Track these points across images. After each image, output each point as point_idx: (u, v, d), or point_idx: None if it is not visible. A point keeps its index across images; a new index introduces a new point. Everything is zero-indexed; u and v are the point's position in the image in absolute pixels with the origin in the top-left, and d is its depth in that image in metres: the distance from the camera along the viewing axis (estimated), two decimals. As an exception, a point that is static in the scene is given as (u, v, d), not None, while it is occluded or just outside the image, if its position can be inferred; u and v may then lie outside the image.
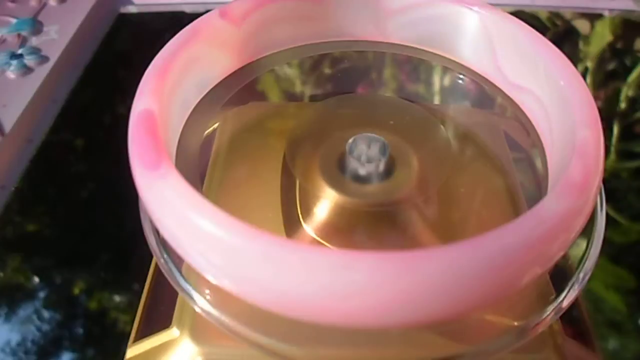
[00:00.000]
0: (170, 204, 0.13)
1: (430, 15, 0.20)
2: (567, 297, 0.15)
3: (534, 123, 0.18)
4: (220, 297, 0.15)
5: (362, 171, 0.17)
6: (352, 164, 0.17)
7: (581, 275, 0.15)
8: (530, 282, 0.12)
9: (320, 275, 0.11)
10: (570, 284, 0.15)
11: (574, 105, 0.15)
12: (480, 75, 0.20)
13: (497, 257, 0.11)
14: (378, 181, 0.17)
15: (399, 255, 0.11)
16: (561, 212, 0.12)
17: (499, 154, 0.20)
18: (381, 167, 0.17)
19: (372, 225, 0.17)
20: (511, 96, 0.19)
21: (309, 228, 0.17)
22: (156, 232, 0.16)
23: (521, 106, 0.18)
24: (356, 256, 0.11)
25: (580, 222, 0.13)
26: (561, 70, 0.16)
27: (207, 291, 0.15)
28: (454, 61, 0.20)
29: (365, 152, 0.17)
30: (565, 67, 0.16)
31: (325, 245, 0.16)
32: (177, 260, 0.15)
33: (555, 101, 0.16)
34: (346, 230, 0.17)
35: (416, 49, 0.21)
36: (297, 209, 0.17)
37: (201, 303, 0.15)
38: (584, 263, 0.15)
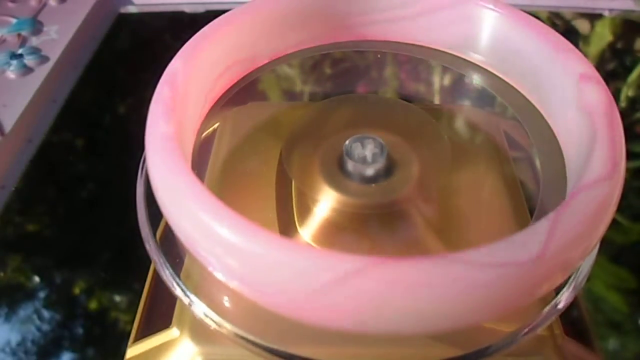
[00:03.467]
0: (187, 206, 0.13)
1: (446, 14, 0.20)
2: (566, 298, 0.15)
3: (551, 125, 0.18)
4: (219, 301, 0.15)
5: (360, 172, 0.17)
6: (350, 164, 0.17)
7: (580, 275, 0.15)
8: (550, 290, 0.12)
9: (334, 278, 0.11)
10: (568, 285, 0.15)
11: (592, 108, 0.15)
12: (492, 74, 0.20)
13: (519, 265, 0.11)
14: (376, 182, 0.17)
15: (424, 261, 0.11)
16: (585, 217, 0.12)
17: (499, 153, 0.20)
18: (379, 167, 0.17)
19: (369, 227, 0.17)
20: (529, 98, 0.19)
21: (305, 232, 0.17)
22: (154, 238, 0.16)
23: (538, 108, 0.18)
24: (376, 262, 0.11)
25: (603, 228, 0.13)
26: (579, 71, 0.16)
27: (206, 296, 0.15)
28: (467, 61, 0.20)
29: (362, 152, 0.17)
30: (585, 69, 0.16)
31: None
32: (176, 266, 0.15)
33: (573, 104, 0.16)
34: (342, 233, 0.17)
35: (427, 48, 0.21)
36: (293, 211, 0.17)
37: (200, 308, 0.15)
38: (579, 267, 0.15)
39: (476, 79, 0.20)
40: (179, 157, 0.13)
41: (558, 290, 0.15)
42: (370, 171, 0.17)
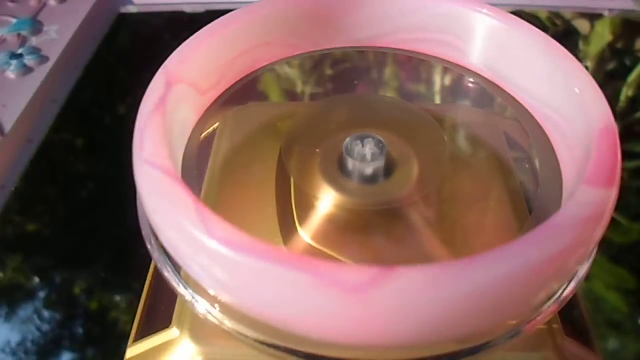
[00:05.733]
0: (172, 216, 0.13)
1: (438, 19, 0.20)
2: (565, 295, 0.15)
3: (546, 131, 0.18)
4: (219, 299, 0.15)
5: (360, 171, 0.17)
6: (350, 163, 0.17)
7: (579, 272, 0.15)
8: (546, 297, 0.12)
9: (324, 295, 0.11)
10: (567, 282, 0.15)
11: (590, 113, 0.15)
12: (488, 81, 0.20)
13: (515, 274, 0.11)
14: (376, 181, 0.17)
15: (415, 270, 0.11)
16: (580, 226, 0.12)
17: (499, 153, 0.20)
18: (379, 166, 0.17)
19: (369, 227, 0.17)
20: (523, 103, 0.19)
21: (305, 232, 0.17)
22: (155, 236, 0.16)
23: (533, 113, 0.18)
24: (364, 272, 0.11)
25: (599, 235, 0.13)
26: (575, 77, 0.16)
27: (208, 294, 0.15)
28: (461, 67, 0.20)
29: (363, 151, 0.17)
30: (580, 74, 0.16)
31: (319, 249, 0.16)
32: (176, 265, 0.15)
33: (570, 110, 0.16)
34: (342, 233, 0.17)
35: (420, 53, 0.21)
36: (293, 211, 0.17)
37: (202, 306, 0.15)
38: None
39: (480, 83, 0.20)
40: (166, 169, 0.13)
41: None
42: (370, 170, 0.17)
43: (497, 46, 0.19)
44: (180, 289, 0.15)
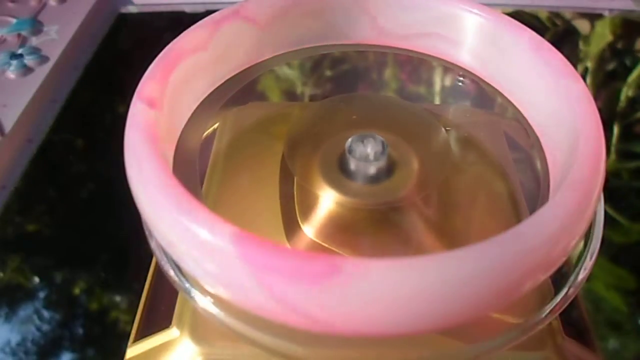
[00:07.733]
0: (163, 209, 0.12)
1: (429, 18, 0.20)
2: (566, 296, 0.15)
3: (533, 127, 0.18)
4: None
5: (362, 170, 0.17)
6: (352, 163, 0.17)
7: (580, 273, 0.15)
8: (533, 288, 0.12)
9: (316, 283, 0.11)
10: (569, 282, 0.15)
11: (575, 111, 0.15)
12: (479, 78, 0.20)
13: (498, 264, 0.11)
14: (378, 181, 0.17)
15: (400, 262, 0.11)
16: (562, 219, 0.12)
17: (499, 153, 0.20)
18: (381, 166, 0.17)
19: (370, 225, 0.17)
20: (512, 100, 0.19)
21: (308, 229, 0.17)
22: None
23: (520, 109, 0.18)
24: (355, 263, 0.11)
25: (582, 228, 0.13)
26: (563, 75, 0.16)
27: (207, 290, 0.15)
28: (453, 64, 0.20)
29: (364, 151, 0.17)
30: (567, 72, 0.16)
31: (323, 245, 0.16)
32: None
33: (556, 107, 0.16)
34: (344, 231, 0.17)
35: (414, 52, 0.21)
36: (295, 209, 0.17)
37: (202, 303, 0.15)
38: (583, 261, 0.15)
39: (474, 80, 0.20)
40: (154, 157, 0.13)
41: (560, 288, 0.15)
42: (371, 169, 0.17)
43: (490, 45, 0.19)
44: (182, 285, 0.15)
